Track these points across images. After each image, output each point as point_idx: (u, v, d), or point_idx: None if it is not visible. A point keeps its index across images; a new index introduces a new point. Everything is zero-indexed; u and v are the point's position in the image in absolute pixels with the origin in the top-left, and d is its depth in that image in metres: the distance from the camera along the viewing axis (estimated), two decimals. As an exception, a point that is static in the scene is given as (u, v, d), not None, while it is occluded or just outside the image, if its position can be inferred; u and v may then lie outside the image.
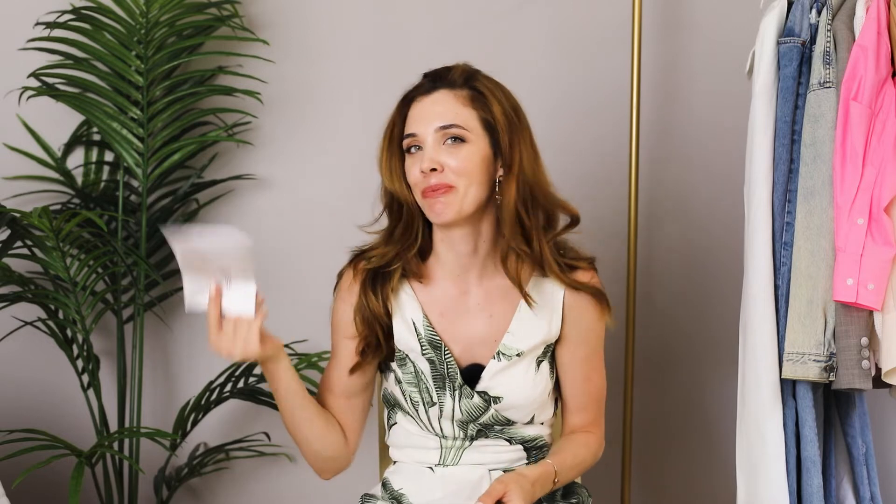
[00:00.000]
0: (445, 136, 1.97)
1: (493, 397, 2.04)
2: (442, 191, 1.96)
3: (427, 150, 1.97)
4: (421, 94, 2.01)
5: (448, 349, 2.05)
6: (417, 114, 1.99)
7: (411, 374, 2.05)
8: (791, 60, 2.27)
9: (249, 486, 2.98)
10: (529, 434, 2.08)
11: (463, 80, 2.02)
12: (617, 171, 2.93)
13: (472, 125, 1.98)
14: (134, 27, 2.77)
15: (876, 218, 2.16)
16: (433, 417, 2.05)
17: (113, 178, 2.91)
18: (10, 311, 2.73)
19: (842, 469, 2.39)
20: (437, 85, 2.01)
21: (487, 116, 1.99)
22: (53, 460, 2.44)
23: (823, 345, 2.19)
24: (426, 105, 1.99)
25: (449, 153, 1.97)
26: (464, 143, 1.97)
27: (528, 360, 2.06)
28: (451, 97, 1.99)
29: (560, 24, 2.99)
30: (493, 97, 2.02)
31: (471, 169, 1.97)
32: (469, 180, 1.97)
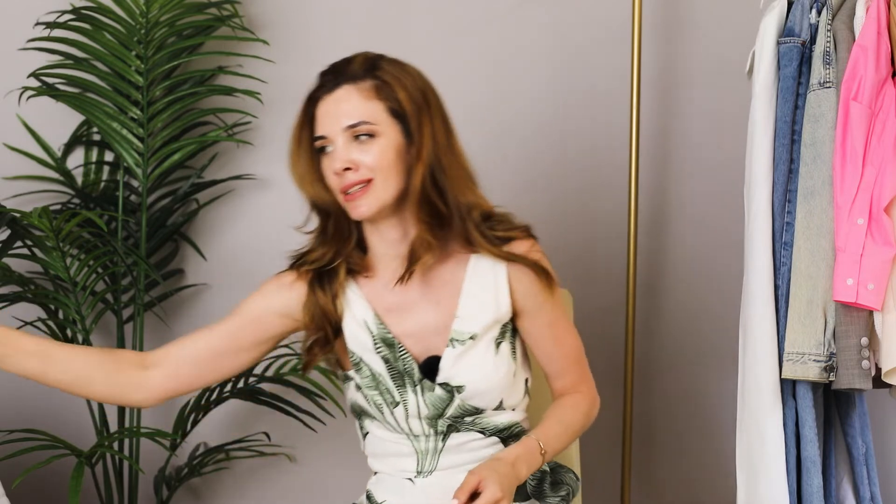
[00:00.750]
0: (354, 134, 1.94)
1: (456, 387, 1.99)
2: (360, 189, 1.94)
3: (338, 151, 1.94)
4: (325, 92, 1.96)
5: (402, 345, 2.01)
6: (323, 114, 1.95)
7: (369, 378, 2.01)
8: (791, 60, 2.27)
9: (249, 486, 2.98)
10: (502, 422, 2.04)
11: (364, 70, 1.96)
12: (617, 172, 2.93)
13: (379, 118, 1.94)
14: (134, 27, 2.77)
15: (876, 218, 2.16)
16: (400, 418, 2.01)
17: (113, 178, 2.91)
18: (10, 311, 2.73)
19: (842, 469, 2.39)
20: (339, 81, 1.96)
21: (394, 105, 1.94)
22: (53, 460, 2.44)
23: (823, 345, 2.19)
24: (331, 104, 1.95)
25: (361, 150, 1.93)
26: (374, 137, 1.93)
27: (485, 343, 2.01)
28: (355, 92, 1.94)
29: (560, 24, 2.99)
30: (398, 83, 1.96)
31: (385, 163, 1.94)
32: (385, 174, 1.94)
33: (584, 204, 3.01)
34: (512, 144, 3.00)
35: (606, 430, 2.98)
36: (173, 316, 2.95)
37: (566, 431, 2.07)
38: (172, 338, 2.95)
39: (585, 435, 2.46)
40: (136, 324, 2.80)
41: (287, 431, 2.90)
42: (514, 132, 2.99)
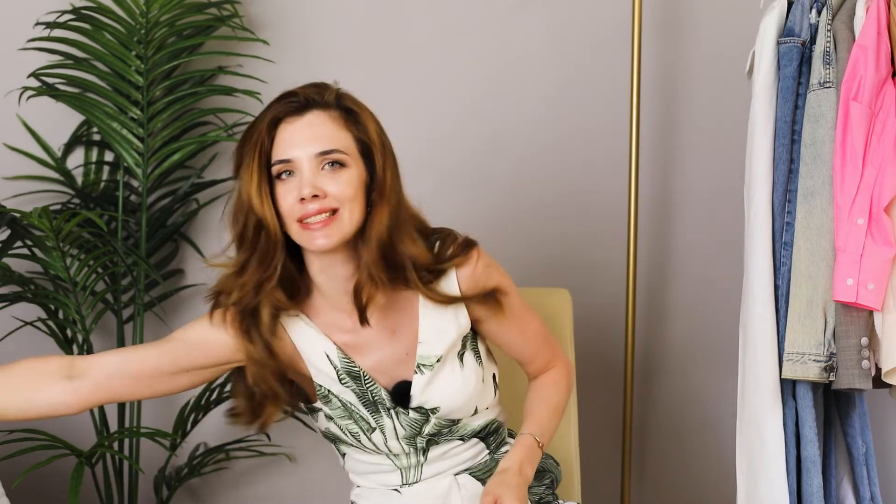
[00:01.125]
0: (324, 161, 1.85)
1: (430, 409, 1.96)
2: (323, 218, 1.84)
3: (305, 176, 1.84)
4: (291, 114, 1.86)
5: (369, 376, 1.96)
6: (290, 138, 1.85)
7: (340, 409, 1.97)
8: (791, 60, 2.27)
9: (249, 486, 2.98)
10: (479, 424, 2.02)
11: (335, 99, 1.88)
12: (617, 172, 2.93)
13: (349, 148, 1.87)
14: (134, 27, 2.77)
15: (876, 218, 2.16)
16: (378, 442, 1.98)
17: (113, 178, 2.91)
18: (10, 311, 2.73)
19: (842, 469, 2.39)
20: (308, 105, 1.86)
21: (363, 137, 1.88)
22: (53, 460, 2.44)
23: (823, 345, 2.19)
24: (299, 128, 1.85)
25: (329, 179, 1.85)
26: (343, 167, 1.85)
27: (450, 361, 1.97)
28: (327, 118, 1.86)
29: (560, 24, 2.99)
30: (368, 117, 1.90)
31: (351, 194, 1.85)
32: (351, 205, 1.85)
33: (583, 204, 3.01)
34: (512, 144, 3.00)
35: (606, 430, 2.98)
36: (173, 316, 2.95)
37: (555, 413, 2.06)
38: (172, 338, 2.96)
39: (585, 435, 2.46)
40: (136, 324, 2.80)
41: (287, 431, 2.90)
42: (514, 132, 2.99)
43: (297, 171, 1.85)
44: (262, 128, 1.87)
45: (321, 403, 1.98)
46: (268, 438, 2.92)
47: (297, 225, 1.85)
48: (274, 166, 1.86)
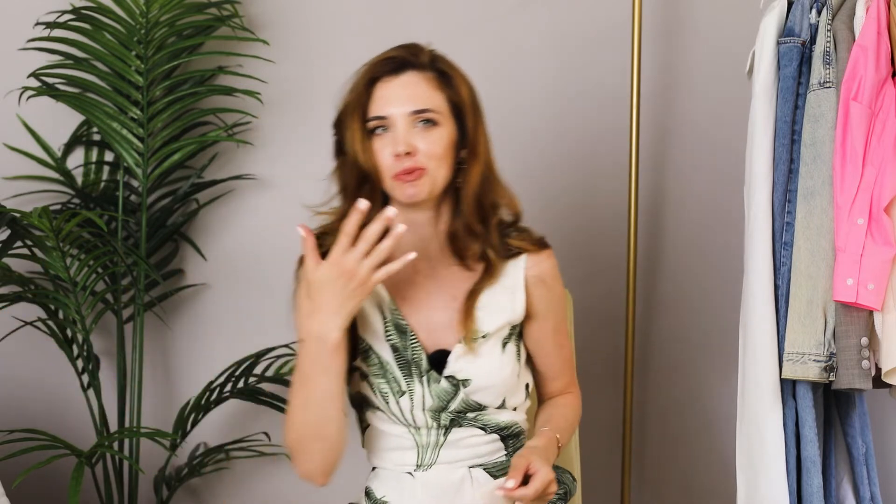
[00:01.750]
0: (417, 119, 1.96)
1: (462, 380, 2.01)
2: (416, 174, 1.95)
3: (399, 134, 1.95)
4: (387, 74, 1.97)
5: (414, 333, 2.02)
6: (387, 96, 1.96)
7: (377, 366, 2.02)
8: (791, 60, 2.27)
9: (249, 486, 2.98)
10: (503, 420, 2.05)
11: (429, 61, 2.00)
12: (617, 172, 2.93)
13: (442, 108, 1.97)
14: (134, 27, 2.77)
15: (876, 218, 2.16)
16: (405, 408, 2.01)
17: (113, 178, 2.91)
18: (10, 311, 2.73)
19: (842, 469, 2.39)
20: (403, 66, 1.97)
21: (455, 99, 1.99)
22: (53, 460, 2.44)
23: (823, 345, 2.19)
24: (396, 87, 1.97)
25: (421, 136, 1.96)
26: (435, 125, 1.97)
27: (493, 342, 2.03)
28: (421, 79, 1.97)
29: (560, 24, 2.99)
30: (460, 79, 2.01)
31: (441, 152, 1.96)
32: (439, 163, 1.96)
33: (584, 204, 3.01)
34: (512, 144, 2.99)
35: (606, 431, 2.98)
36: (173, 316, 2.95)
37: (569, 428, 2.12)
38: (173, 338, 2.97)
39: (585, 435, 2.47)
40: (136, 324, 2.80)
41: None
42: (515, 132, 2.99)
43: (392, 128, 1.96)
44: (360, 86, 1.98)
45: (360, 360, 2.03)
46: (268, 438, 2.92)
47: (390, 177, 1.96)
48: (370, 122, 1.97)
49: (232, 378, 2.77)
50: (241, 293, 2.96)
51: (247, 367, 2.78)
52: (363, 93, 1.98)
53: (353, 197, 1.97)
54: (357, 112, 1.97)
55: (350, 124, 1.98)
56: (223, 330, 2.96)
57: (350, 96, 1.99)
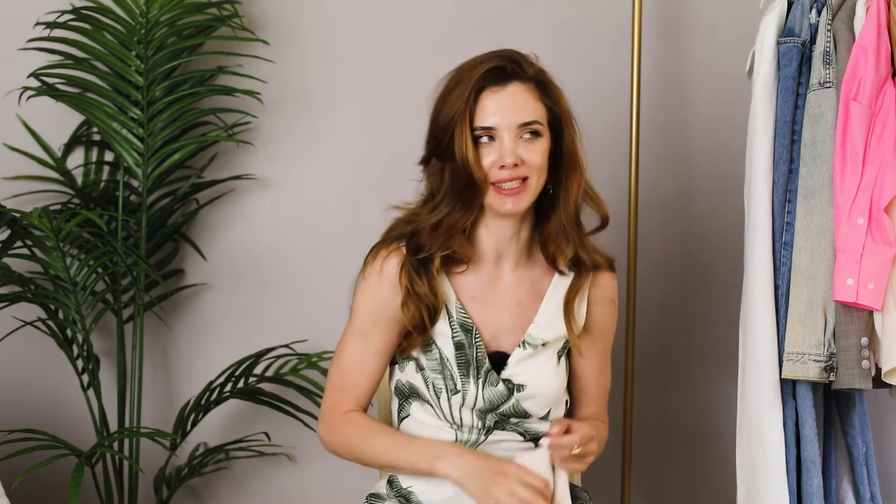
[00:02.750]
0: (524, 132, 2.00)
1: (517, 385, 2.05)
2: (518, 187, 2.00)
3: (506, 145, 1.99)
4: (494, 84, 2.00)
5: (478, 333, 2.05)
6: (495, 107, 1.99)
7: (436, 361, 2.05)
8: (791, 60, 2.27)
9: (249, 486, 2.98)
10: (542, 431, 2.07)
11: (532, 72, 2.03)
12: (617, 171, 2.93)
13: (543, 119, 2.02)
14: (134, 27, 2.77)
15: (876, 218, 2.16)
16: (454, 406, 2.04)
17: (113, 178, 2.91)
18: (10, 311, 2.73)
19: (842, 469, 2.39)
20: (509, 77, 2.00)
21: (555, 109, 2.04)
22: (53, 460, 2.44)
23: (823, 345, 2.19)
24: (504, 99, 1.99)
25: (526, 148, 2.00)
26: (538, 137, 2.01)
27: (550, 352, 2.08)
28: (526, 91, 2.01)
29: (560, 24, 2.99)
30: (558, 90, 2.06)
31: (542, 163, 2.02)
32: (540, 173, 2.02)
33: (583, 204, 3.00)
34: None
35: (606, 430, 2.98)
36: (173, 316, 2.95)
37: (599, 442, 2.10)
38: (173, 338, 2.96)
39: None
40: (136, 324, 2.80)
41: (287, 431, 2.90)
42: (514, 132, 2.99)
43: (498, 139, 1.99)
44: (466, 94, 1.99)
45: (420, 352, 2.07)
46: (268, 438, 2.92)
47: (492, 187, 2.00)
48: (476, 131, 1.99)
49: (232, 378, 2.77)
50: (241, 293, 2.96)
51: (247, 367, 2.78)
52: (470, 101, 1.99)
53: (455, 202, 2.01)
54: (465, 120, 1.99)
55: (460, 132, 1.99)
56: (223, 330, 2.96)
57: (455, 104, 2.00)
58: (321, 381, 2.75)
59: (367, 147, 2.96)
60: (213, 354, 2.93)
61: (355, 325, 2.08)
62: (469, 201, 2.01)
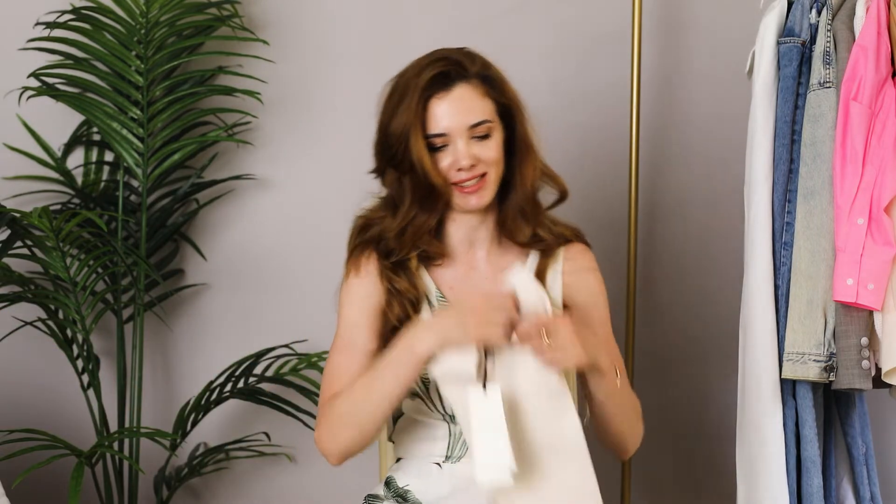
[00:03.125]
0: (474, 133, 2.02)
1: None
2: (475, 182, 2.02)
3: (460, 148, 2.01)
4: (440, 90, 2.02)
5: None
6: (443, 112, 2.01)
7: None
8: (791, 60, 2.27)
9: (249, 486, 2.98)
10: None
11: (475, 70, 2.04)
12: (617, 171, 2.93)
13: (493, 115, 2.04)
14: (134, 27, 2.77)
15: (876, 218, 2.16)
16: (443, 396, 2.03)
17: (113, 178, 2.91)
18: (10, 311, 2.73)
19: (842, 469, 2.39)
20: (453, 79, 2.02)
21: (503, 101, 2.06)
22: (53, 460, 2.44)
23: (823, 345, 2.19)
24: (451, 103, 2.02)
25: (480, 146, 2.02)
26: (490, 135, 2.04)
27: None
28: (472, 91, 2.03)
29: (560, 24, 2.99)
30: (503, 81, 2.07)
31: (498, 156, 2.04)
32: (497, 167, 2.04)
33: (584, 204, 3.00)
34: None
35: (606, 430, 2.98)
36: (173, 316, 2.95)
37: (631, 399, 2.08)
38: (173, 338, 2.96)
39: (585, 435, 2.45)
40: (136, 324, 2.80)
41: (287, 431, 2.90)
42: (514, 132, 2.99)
43: (451, 142, 2.02)
44: (414, 103, 2.01)
45: None
46: (268, 438, 2.92)
47: (453, 188, 2.03)
48: (429, 138, 2.02)
49: (232, 378, 2.77)
50: (241, 293, 2.96)
51: (247, 367, 2.78)
52: (419, 111, 2.01)
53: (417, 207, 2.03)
54: (417, 130, 2.01)
55: (415, 141, 2.01)
56: (223, 330, 2.96)
57: (404, 115, 2.02)
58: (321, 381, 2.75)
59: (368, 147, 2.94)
60: (213, 354, 2.93)
61: (341, 333, 2.08)
62: (431, 205, 2.04)
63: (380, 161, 2.09)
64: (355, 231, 2.13)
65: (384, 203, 2.10)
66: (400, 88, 2.05)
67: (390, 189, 2.08)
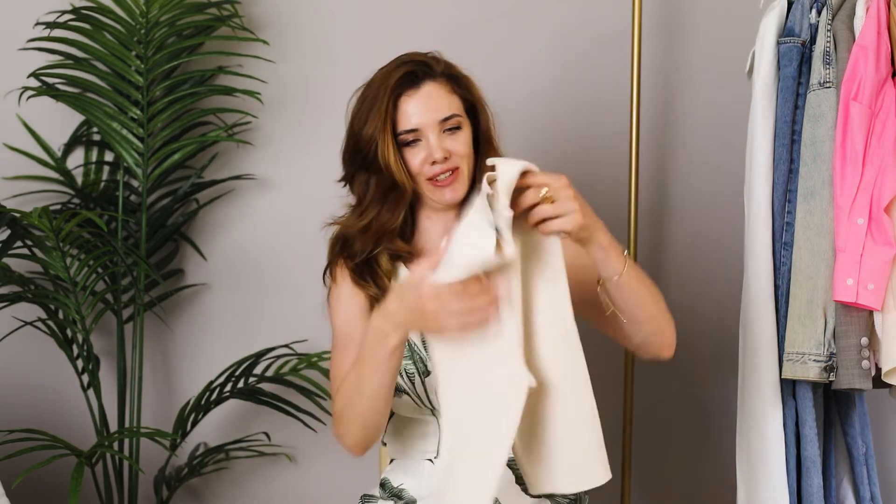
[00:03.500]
0: (445, 127, 2.06)
1: None
2: (451, 177, 2.06)
3: (433, 142, 2.05)
4: (409, 88, 2.07)
5: None
6: (414, 109, 2.06)
7: (405, 347, 2.03)
8: (791, 60, 2.27)
9: (249, 486, 2.98)
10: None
11: (440, 69, 2.10)
12: (617, 171, 2.93)
13: (461, 111, 2.09)
14: (134, 27, 2.77)
15: (876, 218, 2.16)
16: (430, 389, 2.04)
17: (113, 178, 2.91)
18: (10, 311, 2.73)
19: (842, 469, 2.39)
20: (421, 78, 2.07)
21: (469, 98, 2.11)
22: (53, 460, 2.44)
23: (823, 345, 2.19)
24: (420, 99, 2.06)
25: (451, 140, 2.06)
26: (460, 129, 2.08)
27: None
28: (439, 88, 2.08)
29: (560, 24, 2.99)
30: (468, 80, 2.12)
31: (468, 151, 2.08)
32: (468, 161, 2.08)
33: (584, 204, 3.01)
34: (511, 145, 2.99)
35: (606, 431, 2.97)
36: (173, 316, 2.95)
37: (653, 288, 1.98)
38: (173, 338, 2.96)
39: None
40: (136, 324, 2.80)
41: (287, 431, 2.90)
42: (514, 133, 2.98)
43: (424, 138, 2.06)
44: (384, 103, 2.06)
45: None
46: (268, 438, 2.92)
47: (428, 183, 2.07)
48: (401, 135, 2.06)
49: (232, 378, 2.77)
50: (241, 293, 2.96)
51: (247, 367, 2.78)
52: (390, 109, 2.06)
53: (380, 205, 2.08)
54: (387, 128, 2.05)
55: (383, 139, 2.06)
56: (223, 330, 2.96)
57: (375, 116, 2.07)
58: (321, 381, 2.75)
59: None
60: (213, 354, 2.93)
61: (336, 332, 2.12)
62: (394, 203, 2.08)
63: (349, 166, 2.13)
64: (331, 242, 2.18)
65: (352, 209, 2.15)
66: (371, 93, 2.10)
67: (358, 190, 2.13)
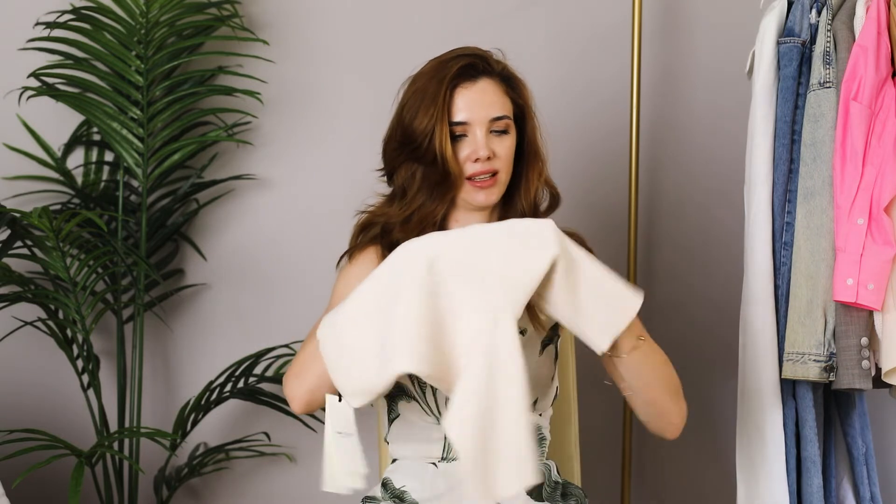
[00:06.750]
0: (494, 126, 2.04)
1: None
2: (490, 180, 2.04)
3: (479, 139, 2.03)
4: (466, 81, 2.04)
5: None
6: (467, 102, 2.03)
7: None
8: (791, 60, 2.27)
9: (249, 486, 2.98)
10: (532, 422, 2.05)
11: (498, 68, 2.08)
12: (617, 171, 2.93)
13: (511, 113, 2.06)
14: (134, 27, 2.77)
15: (876, 218, 2.16)
16: (440, 399, 2.04)
17: (113, 178, 2.91)
18: (10, 311, 2.73)
19: (842, 469, 2.39)
20: (478, 73, 2.05)
21: (521, 103, 2.08)
22: (53, 460, 2.44)
23: (823, 345, 2.19)
24: (475, 94, 2.04)
25: (497, 141, 2.04)
26: (507, 132, 2.06)
27: (533, 340, 2.06)
28: (495, 86, 2.06)
29: (560, 24, 2.99)
30: (522, 84, 2.10)
31: (510, 157, 2.06)
32: (508, 167, 2.06)
33: (584, 205, 3.01)
34: (512, 144, 3.00)
35: (606, 431, 2.98)
36: (173, 316, 2.95)
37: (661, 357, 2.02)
38: (173, 338, 2.96)
39: (585, 435, 2.46)
40: (136, 324, 2.80)
41: (287, 431, 2.90)
42: (514, 132, 2.99)
43: (470, 133, 2.03)
44: (442, 92, 2.02)
45: None
46: (268, 438, 2.92)
47: (466, 181, 2.04)
48: (452, 126, 2.03)
49: (232, 378, 2.77)
50: (241, 293, 2.97)
51: (247, 367, 2.78)
52: (447, 99, 2.03)
53: (426, 196, 2.04)
54: (444, 118, 2.02)
55: (441, 129, 2.02)
56: (223, 330, 2.96)
57: (429, 103, 2.03)
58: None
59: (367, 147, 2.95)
60: (213, 354, 2.93)
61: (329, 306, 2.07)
62: (442, 194, 2.04)
63: (395, 156, 2.08)
64: (357, 228, 2.12)
65: (388, 199, 2.11)
66: (423, 84, 2.05)
67: (401, 181, 2.08)
